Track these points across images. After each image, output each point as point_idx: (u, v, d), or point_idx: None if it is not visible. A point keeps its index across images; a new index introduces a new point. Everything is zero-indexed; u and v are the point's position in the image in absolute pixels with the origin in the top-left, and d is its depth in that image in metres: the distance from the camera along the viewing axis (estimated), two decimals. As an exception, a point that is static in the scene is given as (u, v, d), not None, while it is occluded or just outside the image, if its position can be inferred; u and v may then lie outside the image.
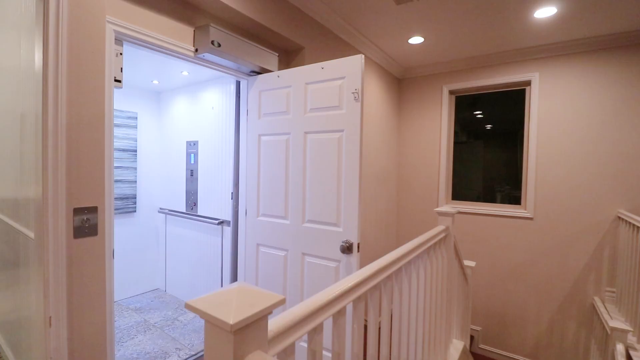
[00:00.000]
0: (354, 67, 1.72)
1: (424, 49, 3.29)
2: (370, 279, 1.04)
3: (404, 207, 4.06)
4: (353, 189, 1.74)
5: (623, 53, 2.89)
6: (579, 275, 3.08)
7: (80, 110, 1.24)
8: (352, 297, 0.93)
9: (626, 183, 2.89)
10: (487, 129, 3.68)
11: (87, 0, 1.24)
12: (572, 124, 3.10)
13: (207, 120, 2.71)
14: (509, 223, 3.41)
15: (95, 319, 1.32)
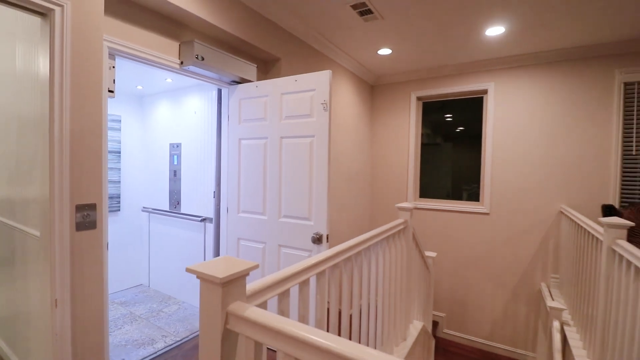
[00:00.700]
0: (323, 81, 1.97)
1: (393, 59, 3.58)
2: (331, 259, 1.28)
3: (377, 204, 4.36)
4: (322, 188, 1.99)
5: (563, 67, 3.29)
6: (528, 264, 3.46)
7: (81, 119, 1.42)
8: (314, 271, 1.17)
9: (567, 182, 3.29)
10: (456, 131, 4.03)
11: (88, 22, 1.42)
12: (523, 129, 3.48)
13: (189, 123, 2.88)
14: (469, 218, 3.76)
15: (94, 302, 1.50)
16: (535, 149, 3.43)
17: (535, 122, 3.42)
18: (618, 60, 3.09)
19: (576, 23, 2.66)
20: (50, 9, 1.30)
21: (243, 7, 2.23)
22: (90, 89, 1.45)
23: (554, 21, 2.63)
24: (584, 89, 3.22)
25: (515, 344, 3.51)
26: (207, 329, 0.79)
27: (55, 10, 1.31)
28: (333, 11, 2.52)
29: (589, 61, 3.20)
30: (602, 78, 3.15)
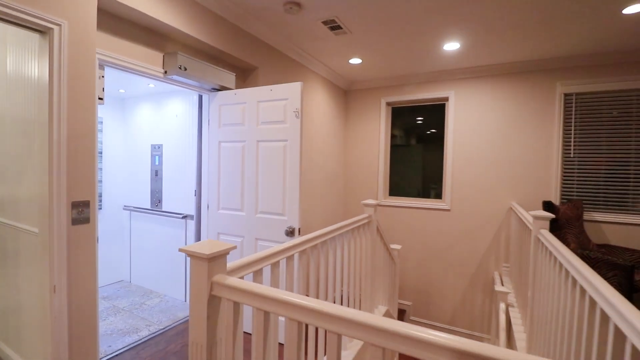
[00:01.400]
0: (295, 91, 2.21)
1: (363, 67, 3.87)
2: (299, 246, 1.52)
3: (350, 201, 4.65)
4: (294, 186, 2.23)
5: (513, 78, 3.69)
6: (483, 255, 3.85)
7: (76, 124, 1.59)
8: (284, 255, 1.41)
9: (516, 181, 3.69)
10: (426, 134, 4.36)
11: (83, 38, 1.59)
12: (479, 134, 3.86)
13: (171, 126, 3.04)
14: (433, 214, 4.12)
15: (87, 288, 1.67)
16: (489, 152, 3.82)
17: (490, 128, 3.81)
18: (559, 74, 3.51)
19: (521, 42, 3.04)
20: (50, 28, 1.47)
21: (223, 21, 2.43)
22: (85, 98, 1.63)
23: (501, 40, 3.00)
24: (530, 98, 3.63)
25: (473, 327, 3.90)
26: (196, 296, 1.02)
27: (54, 29, 1.48)
28: (306, 26, 2.76)
29: (534, 74, 3.61)
30: (545, 89, 3.57)
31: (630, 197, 3.30)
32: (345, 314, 0.79)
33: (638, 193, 3.26)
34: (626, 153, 3.30)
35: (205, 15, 2.29)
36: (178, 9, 2.09)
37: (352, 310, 0.80)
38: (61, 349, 1.56)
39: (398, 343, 0.72)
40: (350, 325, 0.78)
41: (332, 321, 0.81)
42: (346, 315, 0.79)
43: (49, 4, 1.47)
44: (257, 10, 2.51)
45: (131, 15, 1.94)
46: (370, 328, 0.75)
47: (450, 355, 0.67)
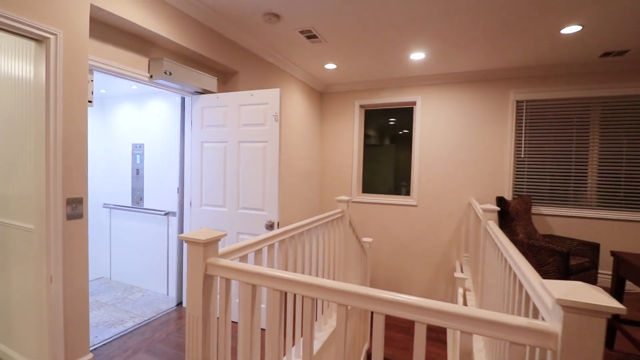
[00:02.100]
0: (274, 97, 2.41)
1: (338, 72, 4.12)
2: (279, 236, 1.73)
3: (326, 197, 4.90)
4: (274, 184, 2.43)
5: (472, 86, 4.07)
6: (446, 246, 4.22)
7: (70, 126, 1.71)
8: (266, 244, 1.61)
9: (475, 179, 4.07)
10: (397, 134, 4.67)
11: (76, 46, 1.71)
12: (442, 135, 4.22)
13: (153, 126, 3.14)
14: (402, 210, 4.44)
15: (80, 278, 1.80)
16: (452, 152, 4.18)
17: (452, 130, 4.18)
18: (512, 83, 3.92)
19: (479, 54, 3.39)
20: (47, 37, 1.59)
21: (205, 28, 2.58)
22: (78, 101, 1.75)
23: (462, 51, 3.33)
24: (487, 104, 4.02)
25: (437, 312, 4.25)
26: (193, 275, 1.21)
27: (51, 38, 1.60)
28: (285, 34, 2.96)
29: (491, 82, 4.00)
30: (500, 96, 3.97)
31: (571, 193, 3.75)
32: (317, 281, 1.01)
33: (578, 189, 3.73)
34: (568, 154, 3.76)
35: (189, 22, 2.43)
36: (163, 17, 2.23)
37: (323, 279, 1.02)
38: (57, 336, 1.68)
39: (357, 301, 0.96)
40: (321, 290, 1.01)
41: (307, 288, 1.03)
42: (318, 283, 1.01)
43: (46, 14, 1.58)
44: (239, 19, 2.68)
45: (119, 23, 2.06)
46: (334, 291, 0.98)
47: (387, 306, 0.91)
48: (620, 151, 3.58)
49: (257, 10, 2.52)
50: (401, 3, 2.37)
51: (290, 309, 1.81)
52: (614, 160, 3.60)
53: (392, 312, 0.91)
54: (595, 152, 3.67)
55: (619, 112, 3.58)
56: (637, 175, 3.52)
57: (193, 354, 1.22)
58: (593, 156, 3.68)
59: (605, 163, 3.63)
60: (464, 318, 0.83)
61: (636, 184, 3.52)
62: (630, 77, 3.48)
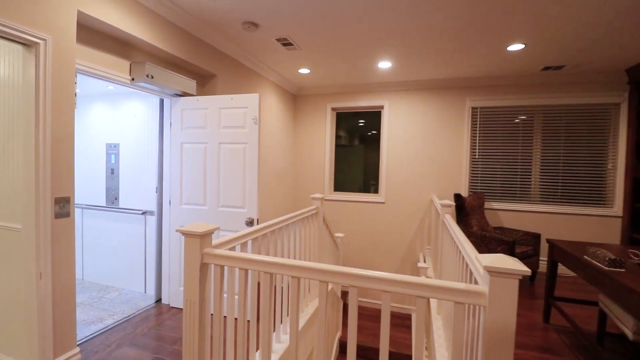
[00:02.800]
0: (254, 101, 2.57)
1: (311, 77, 4.32)
2: (262, 230, 1.91)
3: (299, 195, 5.09)
4: (253, 183, 2.59)
5: (434, 93, 4.44)
6: (411, 239, 4.57)
7: (59, 128, 1.78)
8: (251, 237, 1.78)
9: (436, 178, 4.45)
10: (367, 135, 4.95)
11: (64, 51, 1.78)
12: (407, 137, 4.56)
13: (129, 125, 3.16)
14: (371, 207, 4.74)
15: (67, 275, 1.86)
16: (416, 153, 4.54)
17: (416, 133, 4.53)
18: (468, 91, 4.33)
19: (440, 64, 3.74)
20: (37, 42, 1.65)
21: (185, 33, 2.68)
22: (65, 104, 1.82)
23: (424, 62, 3.66)
24: (447, 110, 4.41)
25: (403, 301, 4.60)
26: (190, 264, 1.36)
27: (40, 44, 1.66)
28: (262, 41, 3.11)
29: (450, 90, 4.39)
30: (458, 103, 4.37)
31: (518, 189, 4.23)
32: (301, 263, 1.21)
33: (523, 186, 4.21)
34: (515, 155, 4.23)
35: (170, 28, 2.52)
36: (146, 22, 2.31)
37: (306, 262, 1.22)
38: (46, 331, 1.75)
39: (335, 277, 1.17)
40: (304, 271, 1.21)
41: (292, 270, 1.23)
42: (302, 265, 1.21)
43: (36, 20, 1.64)
44: (218, 26, 2.80)
45: (101, 28, 2.12)
46: (316, 271, 1.19)
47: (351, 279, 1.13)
48: (558, 153, 4.10)
49: (237, 18, 2.65)
50: (371, 20, 2.62)
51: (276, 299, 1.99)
52: (553, 160, 4.12)
53: (363, 285, 1.14)
54: (538, 153, 4.17)
55: (557, 119, 4.10)
56: (572, 174, 4.06)
57: (190, 334, 1.37)
58: (536, 157, 4.18)
59: (545, 163, 4.14)
60: (420, 286, 1.07)
61: (571, 181, 4.06)
62: (567, 88, 4.00)
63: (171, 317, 2.71)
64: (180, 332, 2.47)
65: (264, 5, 2.43)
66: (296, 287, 1.31)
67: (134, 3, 2.21)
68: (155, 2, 2.34)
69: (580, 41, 2.99)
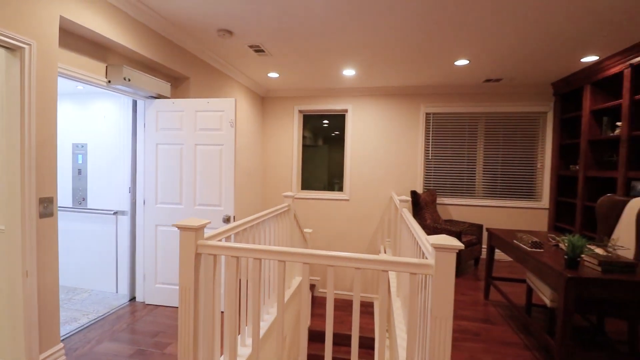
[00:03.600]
0: (230, 105, 2.73)
1: (280, 80, 4.52)
2: (242, 225, 2.10)
3: (268, 193, 5.26)
4: (230, 182, 2.75)
5: (393, 98, 4.85)
6: (373, 233, 4.95)
7: (42, 130, 1.83)
8: (234, 231, 1.97)
9: (395, 176, 4.87)
10: (331, 136, 5.24)
11: (47, 55, 1.83)
12: (370, 139, 4.93)
13: (98, 126, 3.15)
14: (336, 204, 5.05)
15: (51, 273, 1.92)
16: (377, 154, 4.92)
17: (377, 135, 4.92)
18: (422, 98, 4.79)
19: (398, 74, 4.13)
20: (22, 47, 1.70)
21: (161, 37, 2.76)
22: (48, 107, 1.87)
23: (384, 71, 4.03)
24: (404, 114, 4.84)
25: (366, 290, 4.98)
26: (186, 255, 1.53)
27: (25, 48, 1.72)
28: (235, 48, 3.26)
29: (407, 97, 4.83)
30: (414, 108, 4.82)
31: (465, 186, 4.78)
32: (285, 249, 1.45)
33: (469, 184, 4.76)
34: (462, 156, 4.77)
35: (147, 32, 2.60)
36: (122, 26, 2.38)
37: (287, 247, 1.46)
38: (32, 327, 1.80)
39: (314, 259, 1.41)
40: (288, 255, 1.44)
41: (277, 255, 1.46)
42: (286, 250, 1.44)
43: (20, 26, 1.70)
44: (194, 32, 2.92)
45: (79, 31, 2.17)
46: (299, 254, 1.43)
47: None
48: (497, 154, 4.70)
49: (212, 26, 2.79)
50: (337, 34, 2.90)
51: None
52: (493, 160, 4.71)
53: (340, 264, 1.40)
54: (481, 154, 4.75)
55: (497, 124, 4.69)
56: (509, 172, 4.68)
57: (185, 317, 1.54)
58: (479, 158, 4.75)
59: (487, 163, 4.72)
60: (384, 262, 1.35)
61: (508, 179, 4.68)
62: (504, 98, 4.60)
63: (148, 313, 2.79)
64: (161, 326, 2.57)
65: (240, 15, 2.60)
66: (283, 270, 1.54)
67: (113, 8, 2.28)
68: (134, 8, 2.42)
69: (514, 59, 3.52)
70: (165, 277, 2.92)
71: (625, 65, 3.23)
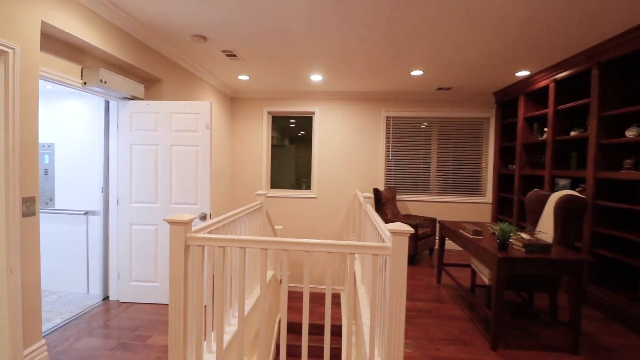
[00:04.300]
0: (206, 108, 2.88)
1: (250, 83, 4.67)
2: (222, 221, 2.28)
3: (237, 192, 5.39)
4: (205, 181, 2.90)
5: (356, 103, 5.20)
6: (339, 228, 5.27)
7: (25, 132, 1.89)
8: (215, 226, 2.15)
9: (359, 175, 5.23)
10: (297, 136, 5.47)
11: (30, 59, 1.89)
12: (335, 140, 5.24)
13: (66, 125, 3.12)
14: (304, 202, 5.31)
15: (34, 270, 1.97)
16: (342, 153, 5.25)
17: (342, 136, 5.24)
18: (383, 103, 5.19)
19: (361, 81, 4.46)
20: (6, 52, 1.76)
21: (136, 41, 2.83)
22: (31, 109, 1.93)
23: (349, 78, 4.34)
24: (367, 117, 5.21)
25: (334, 283, 5.29)
26: (176, 247, 1.70)
27: (9, 53, 1.77)
28: (208, 52, 3.39)
29: (369, 101, 5.20)
30: (375, 112, 5.20)
31: (421, 184, 5.25)
32: (265, 238, 1.67)
33: (424, 181, 5.24)
34: (418, 156, 5.24)
35: (122, 36, 2.67)
36: (99, 30, 2.44)
37: (268, 237, 1.69)
38: (17, 323, 1.86)
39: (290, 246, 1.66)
40: (269, 244, 1.67)
41: (260, 244, 1.68)
42: (266, 239, 1.67)
43: (5, 31, 1.75)
44: (169, 37, 3.01)
45: (56, 34, 2.22)
46: (278, 242, 1.66)
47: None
48: (448, 154, 5.22)
49: (187, 32, 2.91)
50: (306, 43, 3.15)
51: (232, 276, 2.37)
52: (445, 161, 5.23)
53: (314, 249, 1.65)
54: (435, 155, 5.25)
55: (448, 128, 5.22)
56: (458, 171, 5.22)
57: (176, 303, 1.71)
58: (433, 158, 5.25)
59: (440, 163, 5.24)
60: (351, 246, 1.63)
61: (458, 177, 5.22)
62: (455, 105, 5.12)
63: (124, 310, 2.85)
64: (140, 321, 2.66)
65: (214, 22, 2.76)
66: (265, 257, 1.76)
67: (90, 12, 2.34)
68: (111, 12, 2.49)
69: (462, 72, 3.99)
70: (140, 275, 2.99)
71: (551, 80, 3.82)
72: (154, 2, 2.41)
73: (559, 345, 2.42)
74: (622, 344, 2.48)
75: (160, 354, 2.22)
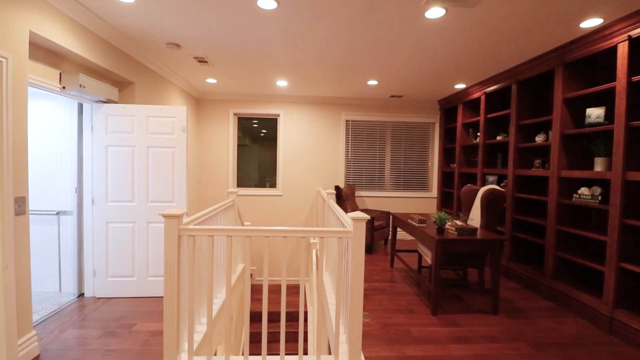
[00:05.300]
0: (182, 112, 3.09)
1: (217, 85, 4.87)
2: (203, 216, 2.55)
3: (204, 191, 5.54)
4: (182, 180, 3.12)
5: (319, 107, 5.61)
6: (304, 224, 5.66)
7: (17, 134, 2.02)
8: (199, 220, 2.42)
9: (321, 174, 5.65)
10: (261, 135, 5.73)
11: (21, 66, 2.02)
12: (300, 141, 5.61)
13: (36, 127, 3.13)
14: (270, 199, 5.61)
15: (25, 266, 2.11)
16: (306, 153, 5.63)
17: (306, 138, 5.62)
18: (343, 107, 5.66)
19: (323, 87, 4.87)
20: (0, 61, 1.89)
21: (111, 46, 2.96)
22: (21, 114, 2.06)
23: (312, 84, 4.73)
24: (329, 121, 5.65)
25: (297, 274, 5.66)
26: (170, 237, 1.96)
27: (3, 62, 1.90)
28: (180, 58, 3.58)
29: (331, 105, 5.64)
30: (336, 116, 5.65)
31: (377, 181, 5.81)
32: (248, 227, 2.01)
33: (380, 179, 5.81)
34: (374, 156, 5.79)
35: (99, 42, 2.79)
36: (78, 37, 2.56)
37: (250, 227, 2.02)
38: (11, 316, 1.99)
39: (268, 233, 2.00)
40: (252, 232, 2.01)
41: (244, 232, 2.01)
42: (249, 228, 2.01)
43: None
44: (143, 43, 3.16)
45: (37, 40, 2.33)
46: (259, 230, 2.00)
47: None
48: (400, 155, 5.84)
49: (162, 39, 3.10)
50: (272, 52, 3.47)
51: (212, 265, 2.65)
52: (397, 160, 5.84)
53: (288, 235, 2.01)
54: (389, 155, 5.84)
55: (400, 131, 5.82)
56: (409, 169, 5.86)
57: (170, 287, 1.98)
58: (387, 158, 5.84)
59: (393, 162, 5.84)
60: (319, 231, 2.02)
61: (408, 175, 5.86)
62: (405, 110, 5.74)
63: (103, 304, 2.98)
64: (122, 312, 2.82)
65: (188, 32, 2.99)
66: (249, 244, 2.09)
67: (71, 21, 2.47)
68: (90, 21, 2.62)
69: (411, 83, 4.57)
70: (117, 271, 3.13)
71: (482, 93, 4.53)
72: (134, 12, 2.59)
73: (484, 308, 3.03)
74: (532, 306, 3.16)
75: (148, 338, 2.44)
